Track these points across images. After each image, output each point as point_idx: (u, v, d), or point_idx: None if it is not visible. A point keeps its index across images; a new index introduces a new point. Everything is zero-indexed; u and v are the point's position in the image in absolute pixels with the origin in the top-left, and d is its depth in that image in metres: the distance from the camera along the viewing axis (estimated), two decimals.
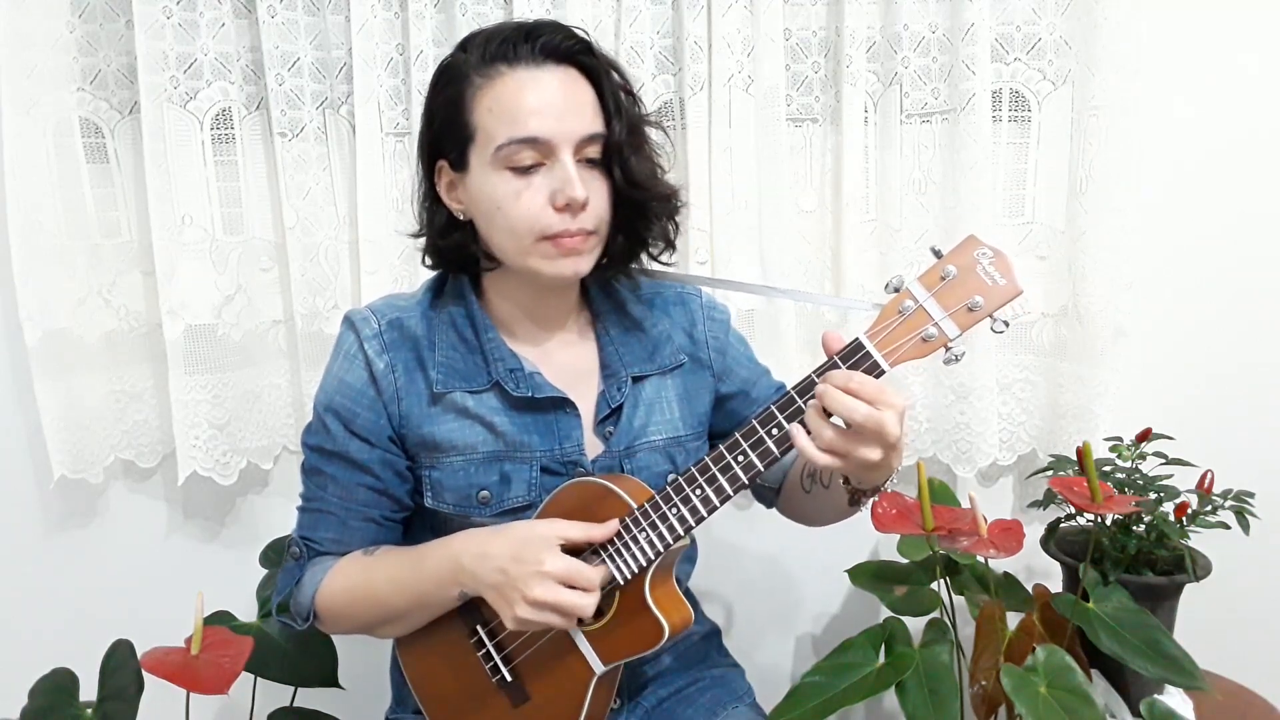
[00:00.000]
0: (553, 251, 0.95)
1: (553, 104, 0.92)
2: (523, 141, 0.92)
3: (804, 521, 1.21)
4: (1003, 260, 0.83)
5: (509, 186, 0.94)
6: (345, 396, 1.02)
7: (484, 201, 0.96)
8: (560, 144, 0.92)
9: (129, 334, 1.50)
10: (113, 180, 1.46)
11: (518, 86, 0.92)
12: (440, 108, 0.97)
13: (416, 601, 1.01)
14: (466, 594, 0.98)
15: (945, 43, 1.45)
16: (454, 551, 0.97)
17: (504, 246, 0.98)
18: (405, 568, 1.01)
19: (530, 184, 0.94)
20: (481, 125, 0.94)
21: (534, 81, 0.92)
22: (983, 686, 1.20)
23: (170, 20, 1.37)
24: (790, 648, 1.74)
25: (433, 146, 1.00)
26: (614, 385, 1.06)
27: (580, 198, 0.92)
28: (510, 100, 0.92)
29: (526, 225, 0.94)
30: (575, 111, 0.93)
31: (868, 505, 1.03)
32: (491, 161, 0.93)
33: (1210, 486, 1.32)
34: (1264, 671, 1.40)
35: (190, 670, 1.03)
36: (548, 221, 0.94)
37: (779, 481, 1.18)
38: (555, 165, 0.93)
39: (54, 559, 1.59)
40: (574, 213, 0.94)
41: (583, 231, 0.95)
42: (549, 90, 0.92)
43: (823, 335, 0.88)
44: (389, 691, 1.21)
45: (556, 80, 0.93)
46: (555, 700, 1.01)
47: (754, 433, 0.90)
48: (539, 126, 0.92)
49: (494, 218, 0.96)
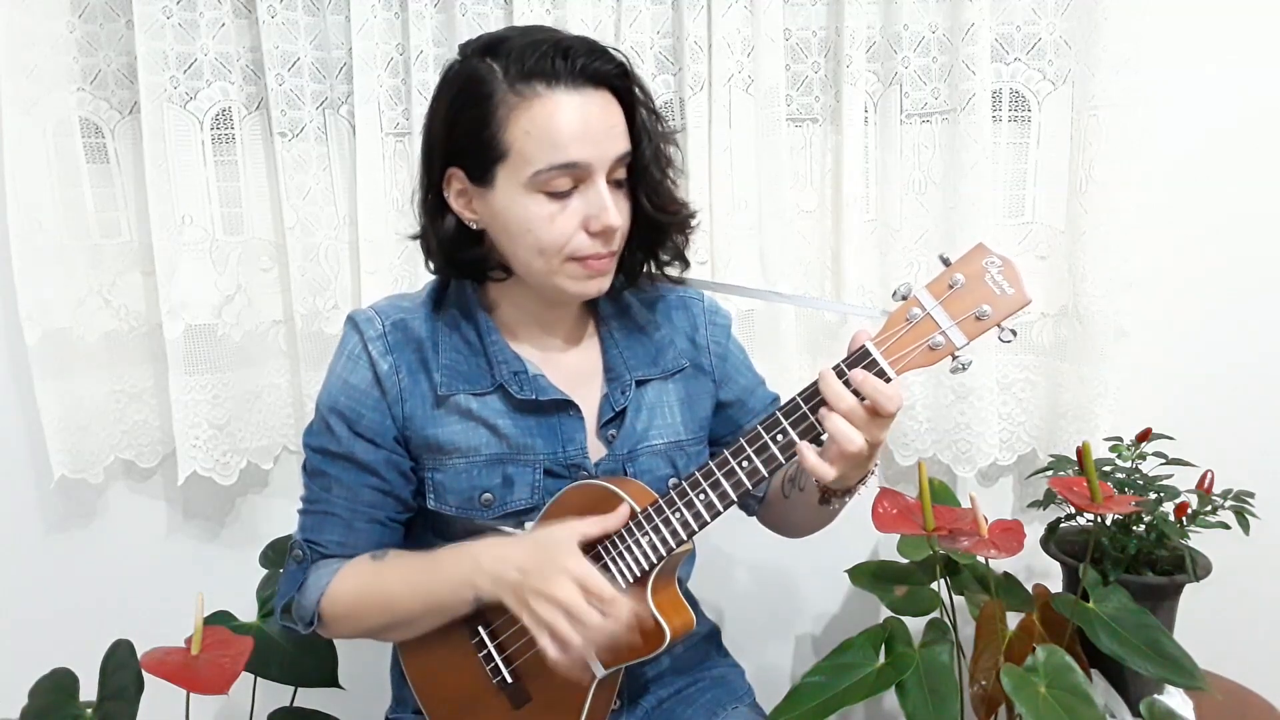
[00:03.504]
0: (580, 272, 0.96)
1: (593, 130, 0.91)
2: (563, 167, 0.91)
3: (782, 530, 1.21)
4: (1011, 269, 0.83)
5: (543, 210, 0.93)
6: (350, 397, 1.02)
7: (512, 221, 0.94)
8: (597, 169, 0.92)
9: (129, 334, 1.50)
10: (113, 180, 1.46)
11: (558, 110, 0.90)
12: (466, 120, 0.93)
13: (429, 604, 1.00)
14: (481, 597, 0.97)
15: (945, 43, 1.45)
16: (474, 552, 0.97)
17: (530, 265, 0.96)
18: (420, 570, 1.01)
19: (566, 207, 0.93)
20: (517, 147, 0.91)
21: (574, 107, 0.90)
22: (983, 686, 1.20)
23: (170, 20, 1.37)
24: (790, 648, 1.74)
25: (447, 154, 0.97)
26: (617, 389, 1.06)
27: (617, 225, 0.94)
28: (550, 124, 0.89)
29: (558, 247, 0.94)
30: (611, 136, 0.93)
31: (839, 506, 1.03)
32: (527, 184, 0.92)
33: (1210, 486, 1.32)
34: (1264, 671, 1.41)
35: (190, 670, 1.04)
36: (579, 244, 0.94)
37: (764, 490, 1.18)
38: (589, 190, 0.93)
39: (54, 559, 1.59)
40: (610, 238, 0.95)
41: (611, 254, 0.97)
42: (591, 116, 0.91)
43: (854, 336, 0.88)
44: (389, 691, 1.21)
45: (595, 105, 0.91)
46: (556, 702, 1.01)
47: (758, 438, 0.90)
48: (579, 152, 0.90)
49: (523, 238, 0.94)
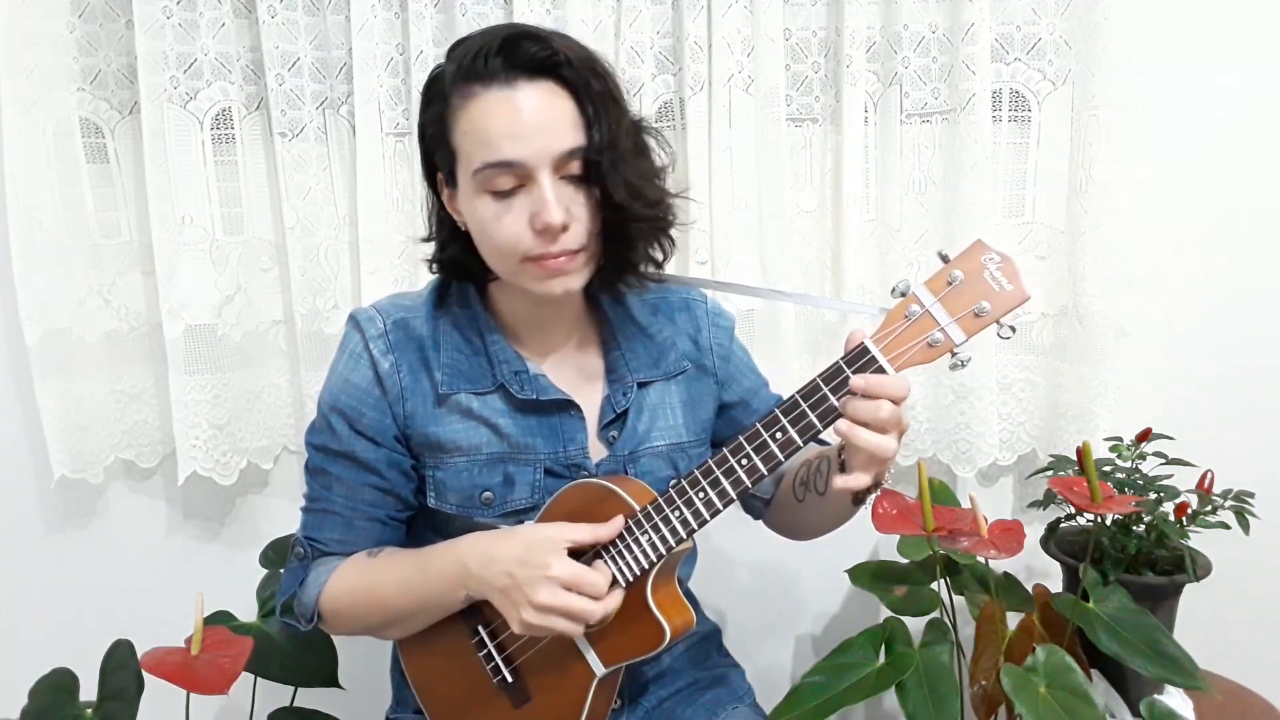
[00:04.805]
0: (538, 273, 0.94)
1: (526, 125, 0.88)
2: (497, 165, 0.89)
3: (793, 534, 1.20)
4: (1010, 265, 0.83)
5: (490, 210, 0.92)
6: (350, 396, 1.02)
7: (472, 223, 0.96)
8: (537, 165, 0.89)
9: (129, 334, 1.50)
10: (113, 180, 1.46)
11: (490, 109, 0.89)
12: (427, 124, 0.96)
13: (422, 604, 1.01)
14: (472, 597, 0.98)
15: (945, 43, 1.45)
16: (460, 554, 0.97)
17: (495, 264, 0.97)
18: (411, 570, 1.01)
19: (511, 206, 0.91)
20: (460, 148, 0.92)
21: (505, 102, 0.88)
22: (983, 686, 1.20)
23: (170, 20, 1.37)
24: (790, 648, 1.74)
25: (427, 160, 1.00)
26: (619, 390, 1.06)
27: (556, 223, 0.89)
28: (482, 124, 0.89)
29: (510, 248, 0.92)
30: (551, 129, 0.89)
31: (869, 502, 1.03)
32: (472, 184, 0.92)
33: (1210, 486, 1.32)
34: (1264, 671, 1.41)
35: (190, 670, 1.04)
36: (529, 244, 0.91)
37: (770, 492, 1.17)
38: (534, 188, 0.90)
39: (54, 559, 1.59)
40: (554, 236, 0.91)
41: (566, 252, 0.92)
42: (522, 111, 0.88)
43: (850, 335, 0.87)
44: (389, 691, 1.21)
45: (530, 98, 0.89)
46: (556, 701, 1.01)
47: (757, 436, 0.90)
48: (512, 150, 0.88)
49: (481, 239, 0.95)
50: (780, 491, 1.16)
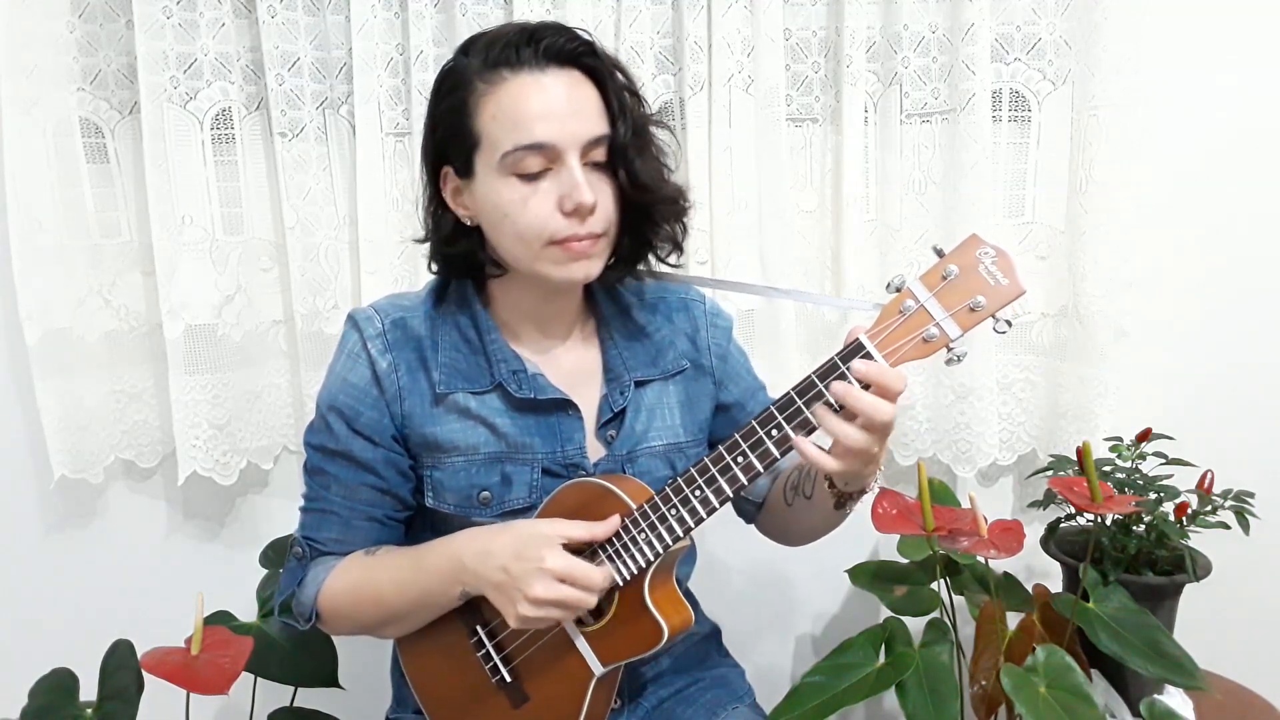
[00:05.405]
0: (562, 256, 0.95)
1: (557, 108, 0.91)
2: (529, 148, 0.91)
3: (783, 538, 1.20)
4: (1005, 260, 0.83)
5: (516, 193, 0.93)
6: (348, 395, 1.02)
7: (491, 208, 0.95)
8: (566, 148, 0.92)
9: (129, 334, 1.50)
10: (113, 180, 1.46)
11: (521, 92, 0.91)
12: (444, 115, 0.96)
13: (418, 601, 1.01)
14: (469, 593, 0.98)
15: (945, 43, 1.45)
16: (456, 550, 0.97)
17: (513, 252, 0.97)
18: (407, 567, 1.01)
19: (538, 189, 0.93)
20: (486, 132, 0.93)
21: (537, 86, 0.91)
22: (983, 686, 1.20)
23: (170, 20, 1.37)
24: (790, 648, 1.74)
25: (436, 153, 0.99)
26: (617, 389, 1.06)
27: (589, 202, 0.92)
28: (514, 106, 0.91)
29: (535, 231, 0.93)
30: (580, 115, 0.92)
31: (853, 507, 1.02)
32: (498, 168, 0.93)
33: (1210, 486, 1.32)
34: (1264, 671, 1.41)
35: (190, 670, 1.03)
36: (556, 226, 0.93)
37: (763, 495, 1.17)
38: (562, 170, 0.92)
39: (54, 559, 1.59)
40: (582, 217, 0.93)
41: (591, 235, 0.94)
42: (553, 94, 0.91)
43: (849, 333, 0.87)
44: (389, 691, 1.21)
45: (560, 84, 0.92)
46: (555, 701, 1.01)
47: (753, 433, 0.90)
48: (544, 132, 0.91)
49: (502, 224, 0.95)
50: (772, 496, 1.16)
